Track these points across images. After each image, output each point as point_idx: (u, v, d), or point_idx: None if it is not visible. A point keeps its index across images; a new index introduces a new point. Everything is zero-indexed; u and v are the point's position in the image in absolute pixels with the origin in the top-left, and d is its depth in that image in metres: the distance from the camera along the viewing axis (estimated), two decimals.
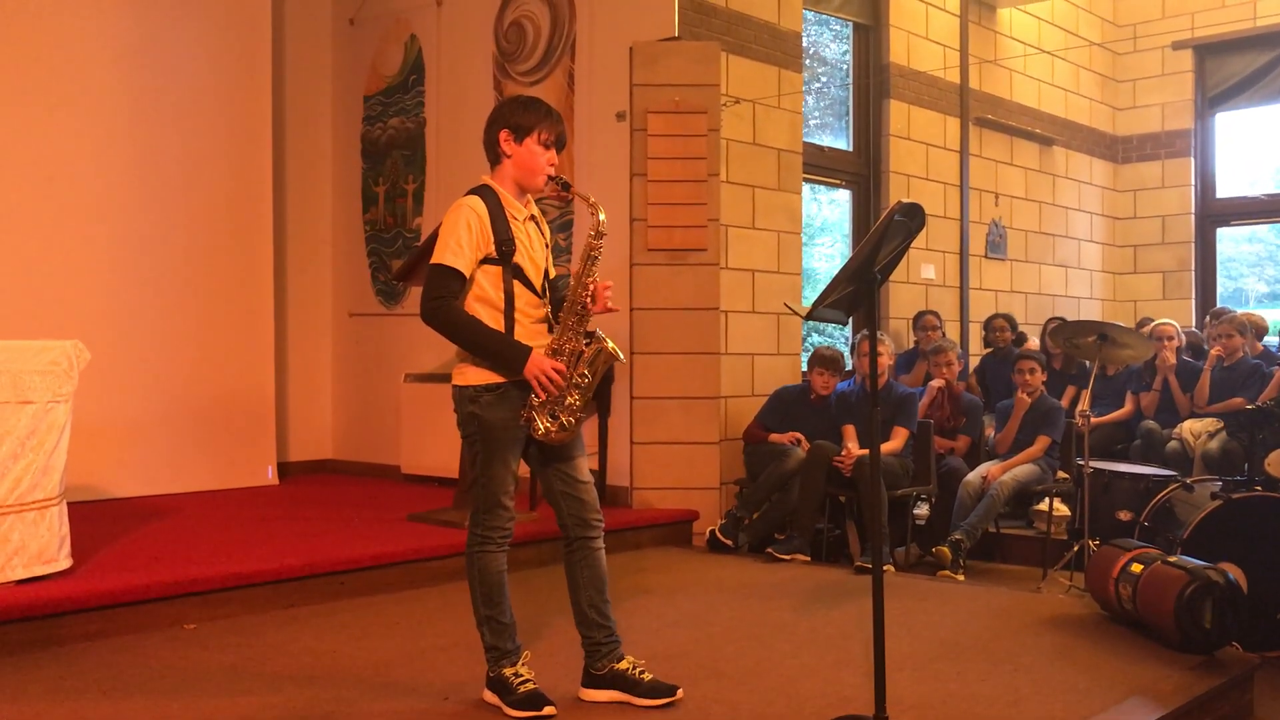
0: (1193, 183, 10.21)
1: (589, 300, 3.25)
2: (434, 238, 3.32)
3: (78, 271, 6.52)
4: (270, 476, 7.36)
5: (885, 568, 3.76)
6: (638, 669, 3.35)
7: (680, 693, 3.33)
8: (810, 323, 7.60)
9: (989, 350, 7.85)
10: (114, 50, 6.76)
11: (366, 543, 5.14)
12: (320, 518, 5.96)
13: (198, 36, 7.14)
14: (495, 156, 3.32)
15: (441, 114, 7.69)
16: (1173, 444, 6.48)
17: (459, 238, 3.17)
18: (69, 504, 4.34)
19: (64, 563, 4.26)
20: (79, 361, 4.30)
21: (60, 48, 6.52)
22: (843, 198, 8.26)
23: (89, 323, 6.12)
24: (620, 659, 3.35)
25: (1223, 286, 10.40)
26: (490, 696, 3.30)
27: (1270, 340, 7.56)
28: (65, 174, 6.51)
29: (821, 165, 7.79)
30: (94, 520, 5.50)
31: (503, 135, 3.28)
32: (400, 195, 7.95)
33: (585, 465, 3.37)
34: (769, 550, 5.76)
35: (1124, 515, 5.36)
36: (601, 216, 3.29)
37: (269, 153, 7.49)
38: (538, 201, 3.43)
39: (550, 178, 3.32)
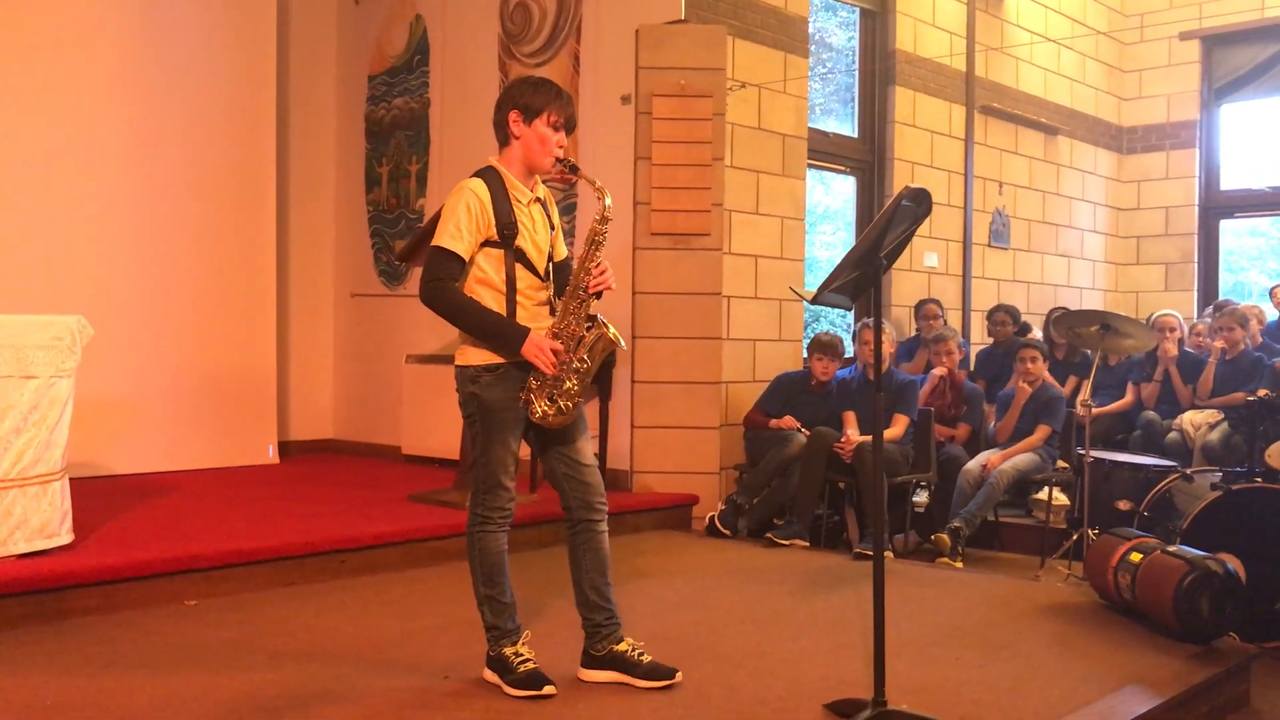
0: (1197, 174, 10.18)
1: (590, 284, 3.25)
2: (437, 219, 3.32)
3: (82, 248, 6.52)
4: (271, 455, 7.37)
5: (884, 554, 3.77)
6: (637, 651, 3.36)
7: (679, 675, 3.34)
8: (814, 309, 7.60)
9: (991, 341, 7.83)
10: (118, 30, 6.74)
11: (367, 522, 5.16)
12: (321, 497, 5.97)
13: (202, 14, 7.12)
14: (504, 137, 3.32)
15: (446, 95, 7.68)
16: (1173, 435, 6.49)
17: (459, 220, 3.17)
18: (71, 479, 4.35)
19: (65, 537, 4.27)
20: (82, 337, 4.31)
21: (64, 26, 6.50)
22: (846, 184, 8.24)
23: (93, 299, 6.14)
24: (620, 640, 3.36)
25: (1224, 279, 10.38)
26: (490, 675, 3.31)
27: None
28: (69, 152, 6.50)
29: (826, 151, 7.77)
30: (96, 496, 5.52)
31: (512, 116, 3.28)
32: (404, 176, 7.94)
33: (588, 447, 3.38)
34: (768, 535, 5.78)
35: (1123, 505, 5.38)
36: (608, 201, 3.29)
37: (273, 131, 7.48)
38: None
39: (558, 160, 3.31)
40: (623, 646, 3.36)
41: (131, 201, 6.76)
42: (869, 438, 5.56)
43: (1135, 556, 4.20)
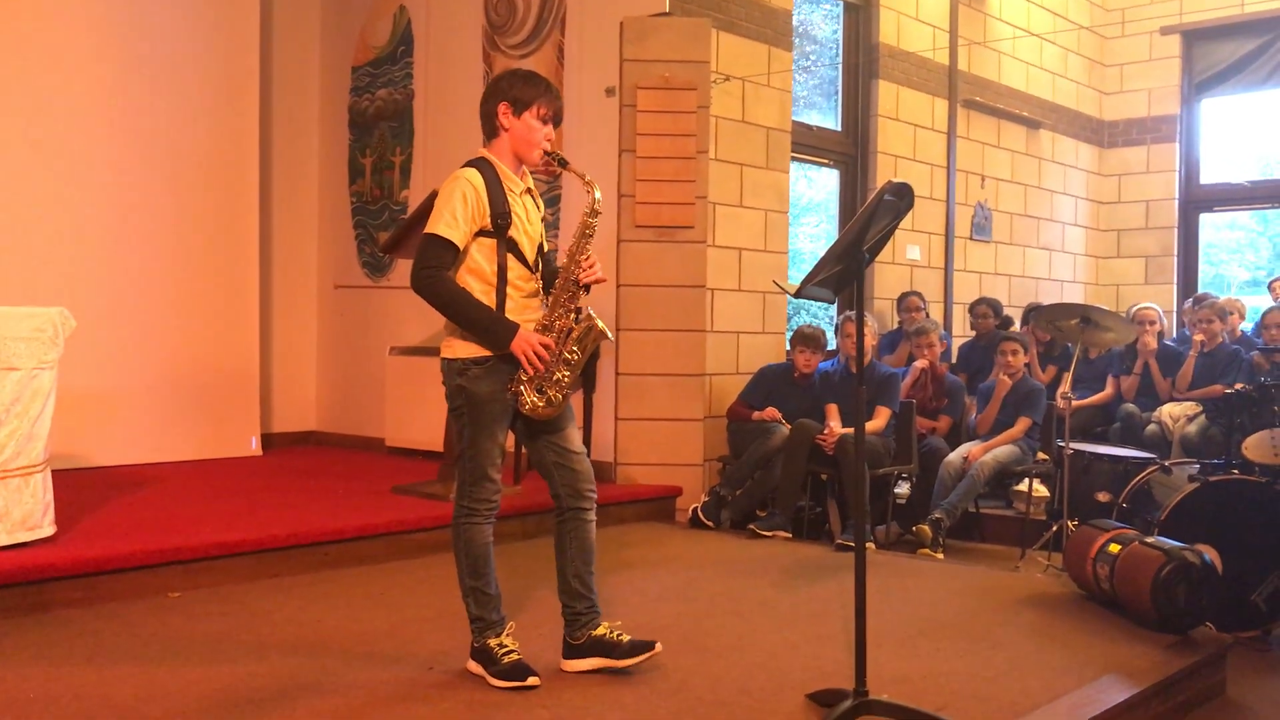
0: (1177, 168, 10.25)
1: (581, 277, 3.27)
2: (422, 210, 3.33)
3: (64, 239, 6.49)
4: (254, 447, 7.36)
5: (866, 545, 3.79)
6: (615, 632, 3.37)
7: (659, 646, 3.35)
8: (798, 302, 7.62)
9: (973, 334, 7.87)
10: (100, 18, 6.69)
11: (351, 514, 5.15)
12: (304, 489, 5.97)
13: (185, 4, 7.07)
14: (492, 129, 3.33)
15: (430, 86, 7.66)
16: (1152, 427, 6.55)
17: (454, 209, 3.18)
18: (53, 471, 4.34)
19: (48, 530, 4.26)
20: (64, 329, 4.29)
21: (44, 17, 6.45)
22: (830, 177, 8.27)
23: (75, 290, 6.10)
24: (598, 626, 3.38)
25: (1204, 272, 10.46)
26: (474, 667, 3.32)
27: (1246, 326, 7.62)
28: (51, 142, 6.46)
29: (809, 144, 7.80)
30: (78, 488, 5.50)
31: (502, 108, 3.29)
32: (387, 167, 7.92)
33: (577, 436, 3.40)
34: (751, 527, 5.81)
35: (1103, 496, 5.41)
36: (597, 194, 3.31)
37: (256, 122, 7.45)
38: None
39: (547, 154, 3.33)
40: (601, 630, 3.37)
41: (114, 193, 6.72)
42: (851, 430, 5.59)
43: (1114, 548, 4.24)
